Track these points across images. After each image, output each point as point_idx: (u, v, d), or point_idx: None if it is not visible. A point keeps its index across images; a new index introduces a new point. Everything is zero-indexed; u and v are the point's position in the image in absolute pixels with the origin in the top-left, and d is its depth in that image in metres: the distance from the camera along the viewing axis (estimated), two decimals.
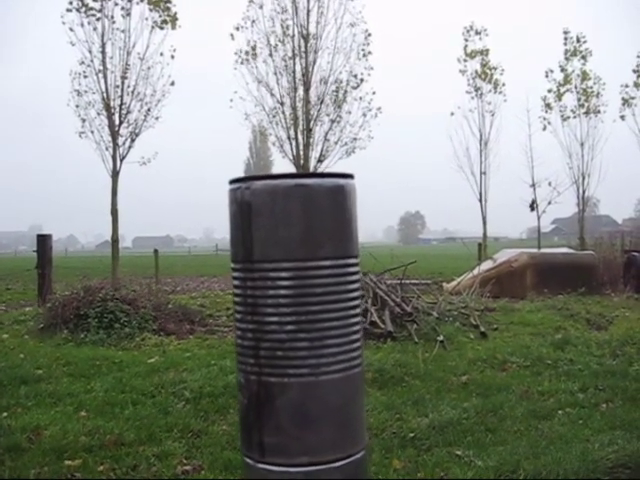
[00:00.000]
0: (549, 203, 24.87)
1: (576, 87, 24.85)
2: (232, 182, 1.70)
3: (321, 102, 20.18)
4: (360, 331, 1.75)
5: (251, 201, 1.64)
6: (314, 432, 1.62)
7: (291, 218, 1.62)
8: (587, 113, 24.87)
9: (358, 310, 1.75)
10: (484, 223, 24.58)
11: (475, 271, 14.17)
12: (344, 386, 1.68)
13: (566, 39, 24.96)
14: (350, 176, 1.73)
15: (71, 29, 17.20)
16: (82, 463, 4.12)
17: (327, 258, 1.65)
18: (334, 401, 1.65)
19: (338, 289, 1.67)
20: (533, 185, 25.03)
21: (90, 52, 17.41)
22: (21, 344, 8.49)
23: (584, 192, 25.42)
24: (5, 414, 5.19)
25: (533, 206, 25.04)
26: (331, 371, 1.65)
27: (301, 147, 20.08)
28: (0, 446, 4.40)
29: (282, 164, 21.57)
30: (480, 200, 24.86)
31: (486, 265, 14.65)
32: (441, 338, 8.19)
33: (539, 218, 25.44)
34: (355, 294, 1.74)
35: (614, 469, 3.73)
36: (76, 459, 4.19)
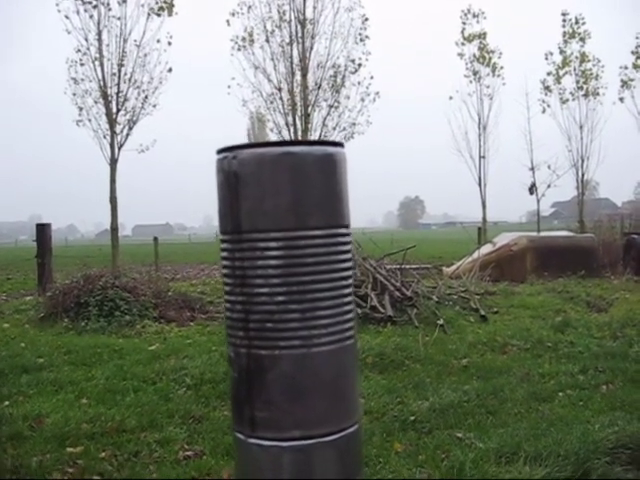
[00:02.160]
0: (548, 186, 24.88)
1: (575, 69, 24.75)
2: (219, 152, 1.67)
3: (319, 87, 20.12)
4: (353, 302, 1.73)
5: (238, 171, 1.61)
6: (306, 405, 1.60)
7: (279, 187, 1.59)
8: (586, 95, 24.77)
9: (350, 281, 1.72)
10: (483, 207, 24.58)
11: (475, 255, 14.17)
12: (337, 358, 1.65)
13: (564, 21, 24.84)
14: (340, 144, 1.70)
15: (67, 17, 17.14)
16: (84, 450, 4.13)
17: (317, 228, 1.62)
18: (326, 373, 1.63)
19: (329, 259, 1.64)
20: (532, 168, 25.02)
21: (86, 40, 17.35)
22: (22, 333, 8.50)
23: (583, 175, 25.39)
24: (7, 402, 5.20)
25: (532, 189, 25.01)
26: (323, 343, 1.62)
27: (299, 133, 20.01)
28: (2, 434, 4.41)
29: None
30: (479, 184, 24.86)
31: (486, 249, 14.65)
32: (441, 322, 8.21)
33: (538, 201, 25.45)
34: (347, 264, 1.71)
35: (615, 450, 3.73)
36: (78, 446, 4.20)
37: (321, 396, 1.62)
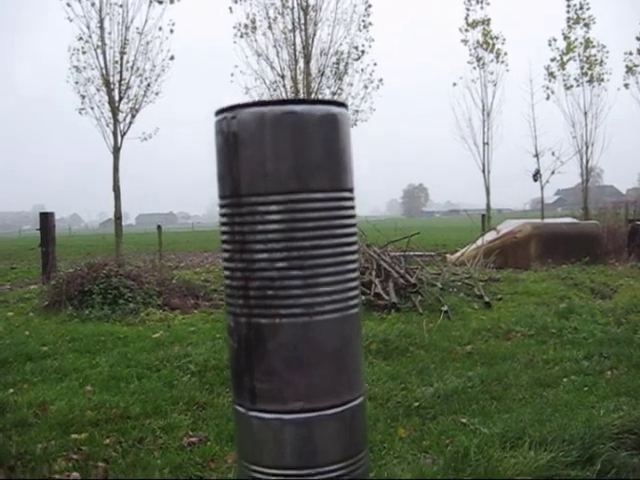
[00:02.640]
0: (552, 173, 24.73)
1: (579, 55, 24.57)
2: (218, 113, 1.62)
3: (322, 74, 20.02)
4: (357, 271, 1.68)
5: (237, 131, 1.56)
6: (308, 376, 1.56)
7: (280, 148, 1.54)
8: (590, 81, 24.59)
9: (355, 248, 1.67)
10: (487, 194, 24.47)
11: (479, 242, 14.14)
12: (340, 327, 1.60)
13: (569, 6, 24.62)
14: (343, 105, 1.65)
15: (68, 4, 17.01)
16: (88, 437, 4.14)
17: (319, 190, 1.56)
18: (329, 343, 1.58)
19: (332, 224, 1.58)
20: (536, 155, 24.87)
21: (88, 27, 17.24)
22: (26, 321, 8.52)
23: (588, 161, 25.24)
24: (11, 390, 5.21)
25: (536, 176, 24.90)
26: (326, 311, 1.56)
27: None
28: (7, 421, 4.42)
29: None
30: (483, 171, 24.74)
31: (490, 236, 14.61)
32: (445, 308, 8.20)
33: (542, 188, 25.31)
34: (351, 230, 1.65)
35: (620, 435, 3.72)
36: (82, 433, 4.20)
37: (324, 367, 1.57)
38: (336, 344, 1.59)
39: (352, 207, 1.66)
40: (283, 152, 1.54)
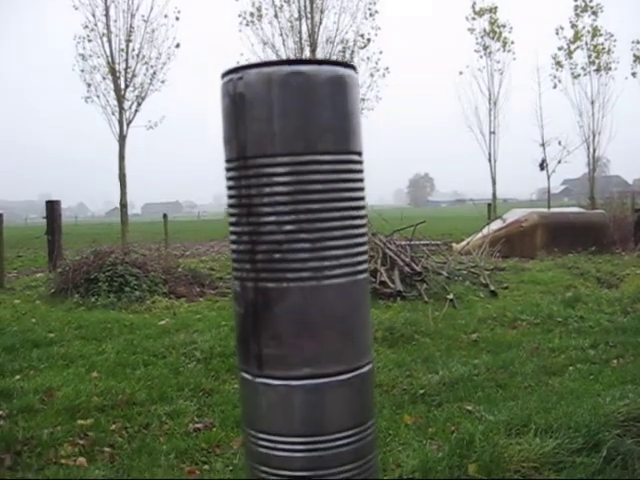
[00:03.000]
0: (559, 162, 24.72)
1: (587, 44, 24.47)
2: (224, 75, 1.60)
3: None
4: (365, 236, 1.66)
5: (244, 92, 1.54)
6: (316, 341, 1.54)
7: (287, 109, 1.52)
8: (598, 70, 24.51)
9: (363, 212, 1.65)
10: (493, 183, 24.46)
11: (485, 231, 14.11)
12: (349, 292, 1.58)
13: None
14: (352, 66, 1.63)
15: None
16: (94, 422, 4.16)
17: (327, 152, 1.54)
18: (338, 308, 1.56)
19: (340, 186, 1.56)
20: (543, 144, 24.85)
21: (94, 15, 17.29)
22: (33, 309, 8.54)
23: (594, 151, 25.20)
24: (18, 376, 5.23)
25: (543, 165, 24.87)
26: (334, 275, 1.54)
27: None
28: (14, 407, 4.44)
29: None
30: (489, 160, 24.73)
31: (496, 225, 14.58)
32: (451, 297, 8.19)
33: (549, 177, 25.30)
34: (360, 194, 1.63)
35: (625, 422, 3.71)
36: (88, 418, 4.22)
37: (332, 332, 1.55)
38: (344, 309, 1.57)
39: (361, 171, 1.64)
40: (290, 113, 1.52)
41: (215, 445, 3.81)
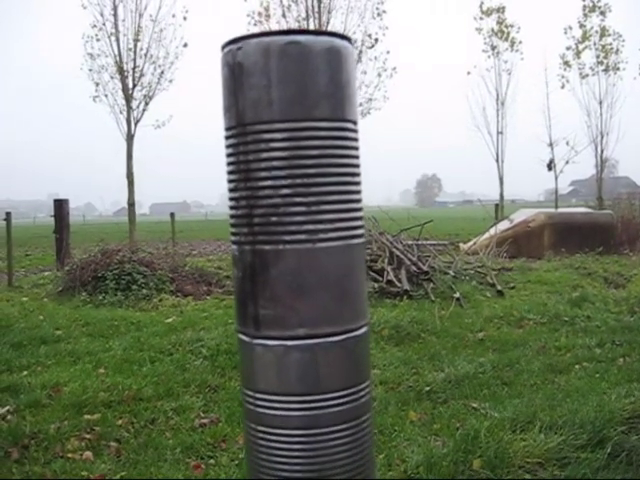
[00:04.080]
0: (567, 163, 24.66)
1: (595, 44, 24.41)
2: (224, 46, 1.65)
3: None
4: (360, 202, 1.71)
5: (243, 61, 1.59)
6: (311, 302, 1.58)
7: (285, 77, 1.57)
8: (606, 70, 24.44)
9: (358, 179, 1.69)
10: (501, 184, 24.42)
11: (492, 231, 14.09)
12: (343, 255, 1.62)
13: None
14: (347, 38, 1.68)
15: None
16: (101, 417, 4.18)
17: (323, 119, 1.59)
18: (332, 270, 1.60)
19: (335, 153, 1.61)
20: (550, 144, 24.81)
21: (102, 15, 17.33)
22: (40, 306, 8.58)
23: (602, 151, 25.13)
24: (25, 372, 5.26)
25: (550, 166, 24.83)
26: (329, 238, 1.59)
27: None
28: (21, 402, 4.47)
29: None
30: (497, 160, 24.69)
31: (503, 225, 14.56)
32: (457, 296, 8.19)
33: (556, 178, 25.26)
34: (355, 162, 1.68)
35: (630, 419, 3.72)
36: (95, 414, 4.25)
37: (327, 294, 1.60)
38: (340, 271, 1.61)
39: (356, 139, 1.69)
40: (287, 81, 1.56)
41: (221, 440, 3.83)
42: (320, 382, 1.60)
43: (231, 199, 1.66)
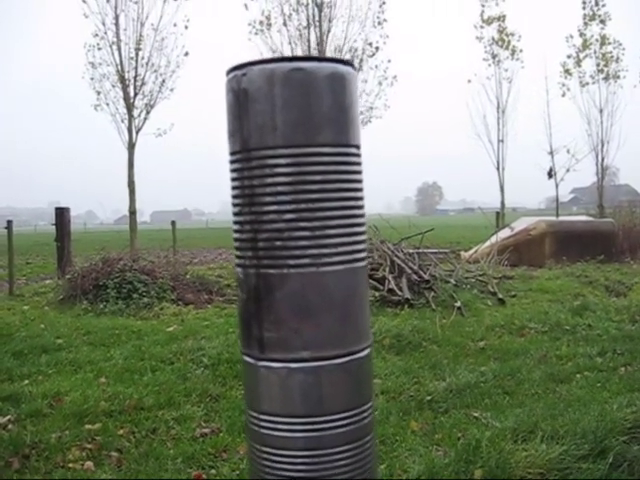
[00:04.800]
0: (567, 171, 24.67)
1: (595, 52, 24.45)
2: (229, 71, 1.67)
3: None
4: (364, 225, 1.72)
5: (247, 88, 1.61)
6: (315, 325, 1.60)
7: (289, 103, 1.58)
8: (606, 79, 24.47)
9: (362, 203, 1.71)
10: (502, 192, 24.42)
11: (493, 239, 14.08)
12: (347, 278, 1.65)
13: (585, 3, 24.49)
14: (350, 64, 1.70)
15: (84, 1, 17.16)
16: (102, 427, 4.18)
17: (326, 145, 1.61)
18: (336, 293, 1.62)
19: (338, 177, 1.63)
20: (551, 152, 24.82)
21: (104, 24, 17.39)
22: (41, 315, 8.58)
23: (603, 159, 25.14)
24: (26, 381, 5.26)
25: (551, 174, 24.83)
26: (333, 262, 1.61)
27: None
28: (22, 411, 4.47)
29: None
30: (498, 168, 24.71)
31: (504, 233, 14.55)
32: (458, 304, 8.18)
33: (557, 186, 25.25)
34: (358, 186, 1.70)
35: (632, 429, 3.71)
36: (96, 423, 4.24)
37: (330, 317, 1.61)
38: (343, 295, 1.63)
39: (359, 163, 1.71)
40: (291, 107, 1.58)
41: (222, 450, 3.82)
42: (323, 404, 1.61)
43: (236, 223, 1.67)
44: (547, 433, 3.60)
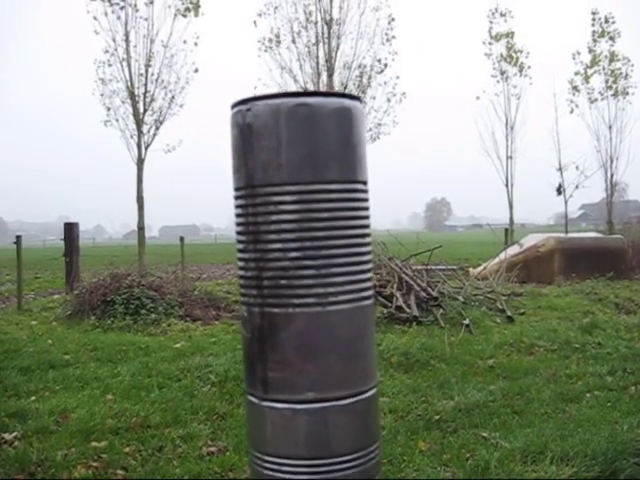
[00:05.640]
0: (576, 187, 24.59)
1: (604, 69, 24.44)
2: (234, 106, 1.64)
3: (345, 88, 20.05)
4: (370, 263, 1.69)
5: (252, 123, 1.58)
6: (320, 366, 1.56)
7: (294, 139, 1.55)
8: (615, 95, 24.45)
9: (368, 240, 1.68)
10: (510, 208, 24.35)
11: (502, 256, 14.03)
12: (353, 318, 1.60)
13: (594, 20, 24.54)
14: (357, 98, 1.67)
15: (95, 18, 17.28)
16: (109, 444, 4.16)
17: (333, 182, 1.57)
18: (342, 333, 1.58)
19: (345, 215, 1.59)
20: (560, 169, 24.76)
21: (114, 41, 17.49)
22: (49, 330, 8.59)
23: (612, 176, 25.07)
24: (33, 397, 5.25)
25: (560, 190, 24.76)
26: (339, 301, 1.57)
27: None
28: (28, 428, 4.45)
29: None
30: (506, 185, 24.66)
31: (513, 250, 14.50)
32: (467, 322, 8.14)
33: (566, 202, 25.17)
34: (365, 222, 1.66)
35: None
36: (102, 441, 4.22)
37: (336, 357, 1.58)
38: (349, 334, 1.60)
39: (366, 199, 1.68)
40: (297, 143, 1.55)
41: (228, 469, 3.79)
42: (329, 445, 1.57)
43: (240, 260, 1.65)
44: (557, 454, 3.56)
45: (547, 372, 5.92)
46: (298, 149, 1.55)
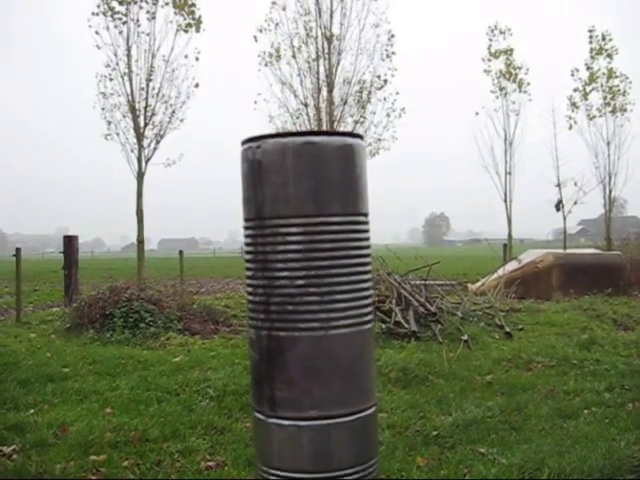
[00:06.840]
0: (575, 203, 24.66)
1: (602, 85, 24.59)
2: (244, 142, 1.73)
3: (345, 103, 20.17)
4: (371, 289, 1.77)
5: (262, 159, 1.67)
6: (324, 386, 1.64)
7: (301, 175, 1.64)
8: (613, 112, 24.58)
9: (369, 268, 1.76)
10: (509, 223, 24.42)
11: (500, 272, 14.06)
12: (354, 341, 1.70)
13: (591, 37, 24.70)
14: (359, 136, 1.75)
15: (97, 32, 17.41)
16: (107, 458, 4.17)
17: (336, 214, 1.67)
18: (344, 355, 1.68)
19: (347, 245, 1.70)
20: (559, 185, 24.84)
21: (116, 55, 17.60)
22: (48, 343, 8.59)
23: (611, 192, 25.16)
24: (32, 411, 5.26)
25: (559, 206, 24.83)
26: (341, 325, 1.67)
27: None
28: (27, 441, 4.46)
29: None
30: (505, 200, 24.74)
31: (511, 266, 14.54)
32: (465, 338, 8.15)
33: (565, 218, 25.23)
34: (365, 252, 1.76)
35: None
36: (101, 454, 4.23)
37: (338, 377, 1.66)
38: (350, 356, 1.67)
39: (366, 230, 1.76)
40: (303, 179, 1.63)
41: None
42: (331, 460, 1.65)
43: (249, 286, 1.73)
44: (554, 471, 3.57)
45: (545, 388, 5.93)
46: (304, 184, 1.63)
